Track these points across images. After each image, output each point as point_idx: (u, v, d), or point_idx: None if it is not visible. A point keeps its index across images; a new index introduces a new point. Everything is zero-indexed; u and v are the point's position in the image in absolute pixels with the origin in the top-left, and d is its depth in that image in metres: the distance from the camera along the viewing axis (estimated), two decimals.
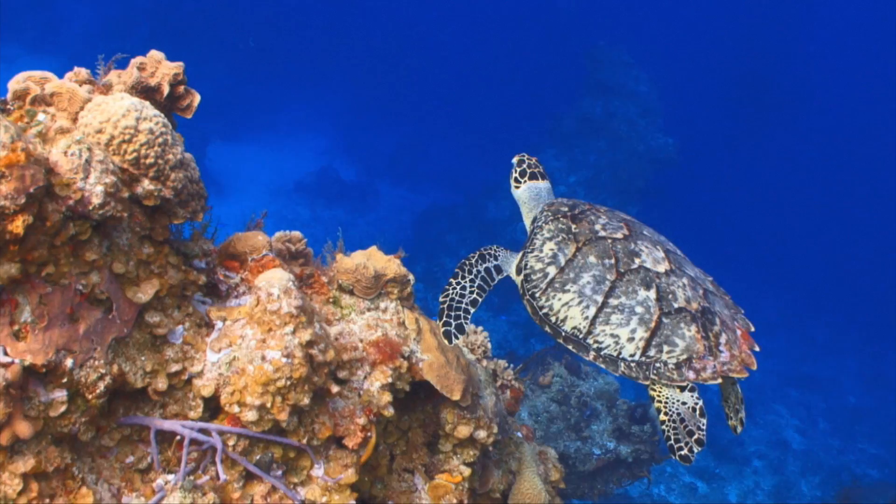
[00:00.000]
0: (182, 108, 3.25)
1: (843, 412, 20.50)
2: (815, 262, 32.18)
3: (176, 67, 3.17)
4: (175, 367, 3.04)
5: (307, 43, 35.42)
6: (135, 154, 2.66)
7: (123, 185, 2.67)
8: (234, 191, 23.97)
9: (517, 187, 4.48)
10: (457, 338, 3.93)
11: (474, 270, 4.16)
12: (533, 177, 4.51)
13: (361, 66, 35.31)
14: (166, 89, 3.14)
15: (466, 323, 4.02)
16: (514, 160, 4.56)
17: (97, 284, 2.68)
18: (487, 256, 4.21)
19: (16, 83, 2.94)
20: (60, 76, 3.09)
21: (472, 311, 4.06)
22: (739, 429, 4.01)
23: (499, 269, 4.22)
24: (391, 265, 3.77)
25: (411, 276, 3.88)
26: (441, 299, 4.00)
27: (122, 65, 3.26)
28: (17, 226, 2.29)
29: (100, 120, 2.64)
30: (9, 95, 2.94)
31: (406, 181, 28.75)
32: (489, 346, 5.79)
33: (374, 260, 3.75)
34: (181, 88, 3.22)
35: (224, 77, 30.03)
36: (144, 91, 3.13)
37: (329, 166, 27.13)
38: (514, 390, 6.09)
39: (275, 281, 3.01)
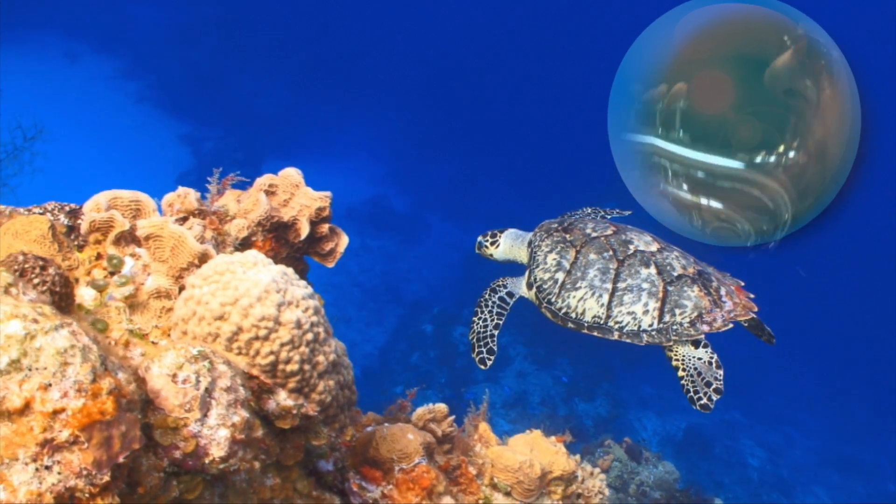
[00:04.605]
0: (323, 253, 2.31)
1: (882, 499, 19.39)
2: (858, 336, 30.56)
3: (321, 199, 2.25)
4: None
5: (371, 67, 34.73)
6: (271, 357, 1.74)
7: (252, 396, 1.76)
8: None
9: (497, 246, 5.03)
10: (489, 360, 4.46)
11: (489, 303, 4.64)
12: (501, 231, 5.08)
13: (424, 94, 34.49)
14: (305, 229, 2.22)
15: (494, 345, 4.50)
16: (479, 239, 5.11)
17: None
18: (497, 288, 4.71)
19: (95, 209, 2.05)
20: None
21: (497, 333, 4.55)
22: (773, 341, 4.51)
23: (511, 295, 4.69)
24: (559, 460, 2.82)
25: (579, 471, 2.94)
26: (470, 336, 4.57)
27: (242, 185, 2.38)
28: None
29: (221, 301, 1.72)
30: (84, 225, 2.05)
31: (457, 217, 27.65)
32: (606, 492, 4.88)
33: (539, 452, 2.80)
34: (324, 227, 2.28)
35: (285, 94, 29.47)
36: (274, 228, 2.22)
37: (383, 195, 26.26)
38: None
39: None
